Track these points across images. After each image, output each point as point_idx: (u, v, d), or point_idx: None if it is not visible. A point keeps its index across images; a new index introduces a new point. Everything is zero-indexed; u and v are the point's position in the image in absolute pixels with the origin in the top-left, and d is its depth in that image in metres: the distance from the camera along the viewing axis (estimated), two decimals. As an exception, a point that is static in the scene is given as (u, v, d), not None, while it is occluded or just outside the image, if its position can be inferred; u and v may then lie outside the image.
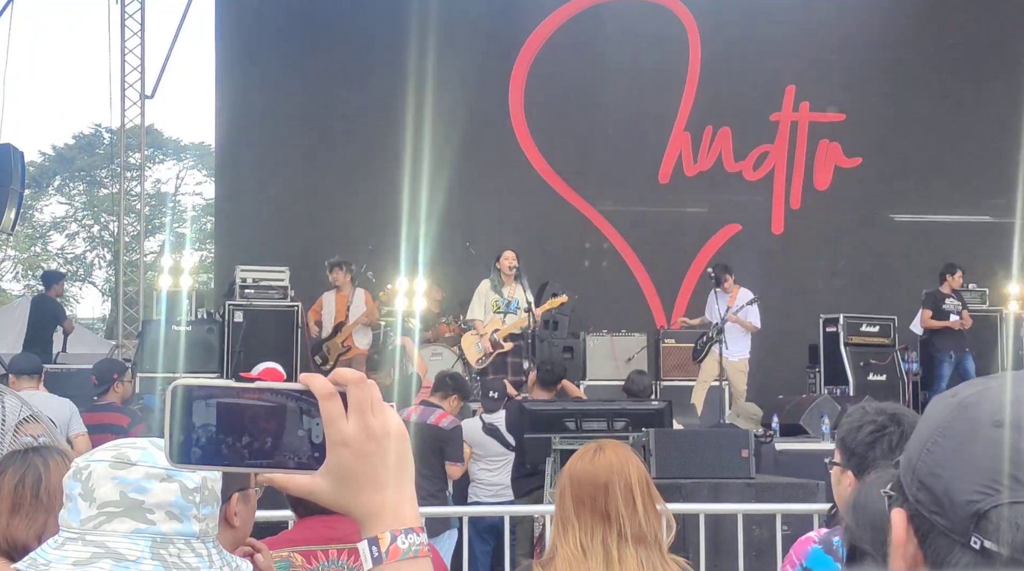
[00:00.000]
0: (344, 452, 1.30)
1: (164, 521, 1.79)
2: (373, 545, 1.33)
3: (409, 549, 1.34)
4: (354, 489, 1.32)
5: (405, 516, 1.35)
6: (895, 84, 17.97)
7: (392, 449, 1.33)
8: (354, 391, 1.31)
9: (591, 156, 17.51)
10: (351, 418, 1.30)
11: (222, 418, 1.29)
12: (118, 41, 18.43)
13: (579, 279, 14.65)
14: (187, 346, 13.64)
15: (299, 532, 3.36)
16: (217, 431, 1.29)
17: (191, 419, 1.29)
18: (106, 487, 1.79)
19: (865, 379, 14.28)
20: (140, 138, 19.09)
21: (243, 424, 1.29)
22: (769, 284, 16.28)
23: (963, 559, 1.03)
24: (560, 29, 17.58)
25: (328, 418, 1.29)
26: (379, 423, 1.32)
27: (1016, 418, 1.04)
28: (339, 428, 1.29)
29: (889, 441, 3.05)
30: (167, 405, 1.30)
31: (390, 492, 1.33)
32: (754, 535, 6.78)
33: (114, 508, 1.78)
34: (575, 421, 8.73)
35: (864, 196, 17.74)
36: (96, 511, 1.79)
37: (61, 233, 42.03)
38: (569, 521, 3.36)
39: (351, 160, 16.93)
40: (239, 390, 1.30)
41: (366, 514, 1.33)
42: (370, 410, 1.31)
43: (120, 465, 1.79)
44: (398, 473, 1.34)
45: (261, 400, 1.29)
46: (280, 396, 1.30)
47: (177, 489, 1.81)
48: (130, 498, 1.78)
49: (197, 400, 1.29)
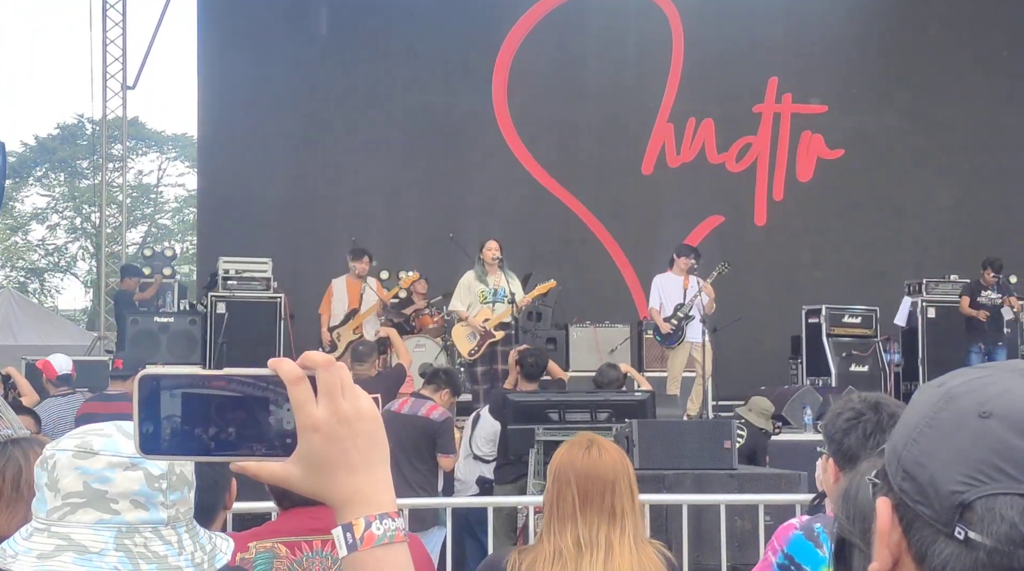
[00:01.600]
0: (315, 437, 1.27)
1: (129, 510, 1.76)
2: (347, 531, 1.30)
3: (384, 535, 1.31)
4: (327, 475, 1.29)
5: (380, 501, 1.32)
6: (877, 76, 18.02)
7: (364, 432, 1.30)
8: (323, 375, 1.27)
9: (574, 147, 17.52)
10: (321, 402, 1.27)
11: (189, 407, 1.27)
12: (100, 32, 18.40)
13: (562, 270, 14.64)
14: (169, 337, 13.62)
15: (283, 523, 3.35)
16: (184, 421, 1.27)
17: (158, 409, 1.27)
18: (69, 477, 1.76)
19: (847, 370, 14.32)
20: (122, 129, 19.03)
21: (210, 413, 1.27)
22: (752, 275, 16.34)
23: (947, 549, 1.03)
24: (543, 20, 17.56)
25: (297, 403, 1.26)
26: (350, 406, 1.29)
27: (1003, 409, 1.04)
28: (309, 413, 1.27)
29: (864, 428, 3.06)
30: (134, 395, 1.28)
31: (363, 476, 1.30)
32: (737, 526, 6.79)
33: (78, 499, 1.75)
34: (558, 412, 8.74)
35: (846, 188, 17.79)
36: (61, 502, 1.76)
37: (42, 224, 41.87)
38: (569, 517, 3.40)
39: (334, 151, 16.91)
40: (206, 378, 1.28)
41: (340, 500, 1.31)
42: (340, 393, 1.28)
43: (82, 455, 1.76)
44: (371, 457, 1.31)
45: (229, 388, 1.27)
46: (248, 383, 1.28)
47: (141, 477, 1.78)
48: (93, 488, 1.75)
49: (164, 390, 1.27)
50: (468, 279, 12.21)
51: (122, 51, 18.35)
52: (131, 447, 1.73)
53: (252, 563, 3.18)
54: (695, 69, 17.72)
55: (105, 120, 18.67)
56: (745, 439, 9.57)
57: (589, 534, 3.37)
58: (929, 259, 16.88)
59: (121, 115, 18.66)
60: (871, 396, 3.22)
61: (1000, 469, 1.01)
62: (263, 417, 1.28)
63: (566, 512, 3.41)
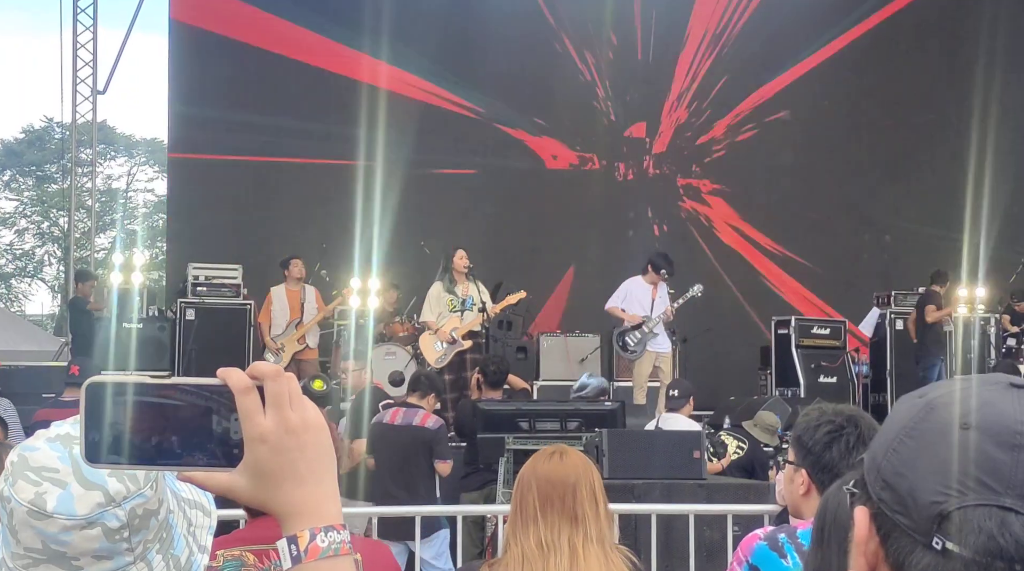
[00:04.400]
0: (262, 448, 1.26)
1: (91, 564, 1.71)
2: (292, 543, 1.29)
3: (329, 547, 1.29)
4: (273, 486, 1.28)
5: (326, 513, 1.31)
6: (846, 88, 18.12)
7: (311, 443, 1.29)
8: (271, 385, 1.27)
9: (546, 151, 17.55)
10: (268, 413, 1.26)
11: (136, 416, 1.26)
12: (70, 36, 18.29)
13: (531, 279, 14.65)
14: (138, 344, 13.54)
15: (251, 531, 3.33)
16: (131, 429, 1.26)
17: (104, 417, 1.26)
18: (27, 533, 1.70)
19: (816, 381, 14.37)
20: (92, 134, 18.93)
21: (157, 422, 1.26)
22: (722, 285, 16.40)
23: (924, 559, 1.04)
24: (511, 22, 17.55)
25: (245, 413, 1.26)
26: (298, 417, 1.28)
27: (983, 421, 1.04)
28: (256, 423, 1.26)
29: (847, 442, 3.07)
30: (81, 402, 1.27)
31: (310, 488, 1.30)
32: (705, 536, 6.81)
33: (38, 555, 1.70)
34: (528, 421, 8.76)
35: (815, 200, 17.87)
36: (23, 551, 1.72)
37: (10, 229, 41.56)
38: (532, 519, 3.45)
39: (305, 158, 16.87)
40: (154, 387, 1.27)
41: (286, 511, 1.30)
42: (288, 404, 1.28)
43: (37, 515, 1.68)
44: (318, 468, 1.30)
45: (177, 397, 1.26)
46: (197, 393, 1.27)
47: (100, 535, 1.71)
48: (52, 549, 1.70)
49: (112, 397, 1.26)
50: (436, 290, 12.24)
51: (93, 56, 18.26)
52: (88, 501, 1.68)
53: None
54: (664, 80, 17.79)
55: (75, 124, 18.57)
56: (745, 452, 9.58)
57: (551, 536, 3.42)
58: (897, 271, 16.97)
59: (91, 119, 18.56)
60: (845, 408, 3.22)
61: (979, 480, 1.02)
62: (210, 427, 1.27)
63: (528, 515, 3.46)
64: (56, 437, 1.76)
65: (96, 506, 1.70)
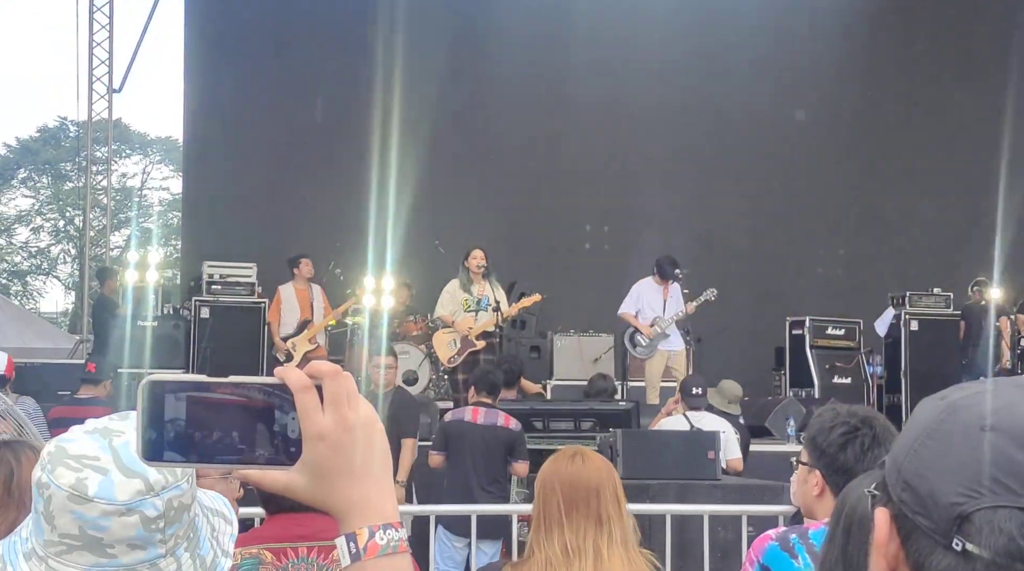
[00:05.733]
0: (320, 446, 1.28)
1: (126, 553, 1.73)
2: (351, 541, 1.31)
3: (388, 545, 1.31)
4: (331, 483, 1.30)
5: (384, 511, 1.32)
6: (864, 88, 18.07)
7: (369, 441, 1.31)
8: (330, 384, 1.29)
9: (560, 153, 17.53)
10: (327, 411, 1.28)
11: (193, 413, 1.27)
12: (86, 34, 18.35)
13: (547, 278, 14.63)
14: (153, 342, 13.56)
15: (269, 529, 3.35)
16: (188, 427, 1.27)
17: (162, 415, 1.27)
18: (65, 519, 1.72)
19: (830, 381, 14.34)
20: (107, 132, 18.98)
21: (215, 419, 1.27)
22: (736, 285, 16.36)
23: (944, 561, 1.04)
24: (526, 26, 17.54)
25: (304, 411, 1.27)
26: (355, 416, 1.30)
27: (1005, 423, 1.05)
28: (315, 421, 1.27)
29: (861, 444, 3.07)
30: (138, 401, 1.27)
31: (368, 486, 1.31)
32: (719, 536, 6.80)
33: (73, 541, 1.72)
34: (543, 421, 8.77)
35: (832, 199, 17.83)
36: (57, 538, 1.73)
37: (26, 226, 41.70)
38: (556, 523, 3.44)
39: (319, 156, 16.88)
40: (212, 385, 1.28)
41: (344, 509, 1.31)
42: (346, 403, 1.29)
43: (78, 499, 1.71)
44: (375, 466, 1.32)
45: (234, 395, 1.28)
46: (254, 391, 1.28)
47: (137, 522, 1.74)
48: (89, 534, 1.72)
49: (168, 395, 1.27)
50: (452, 287, 12.21)
51: (108, 54, 18.31)
52: (128, 488, 1.72)
53: (238, 569, 3.17)
54: (684, 80, 17.76)
55: (90, 122, 18.62)
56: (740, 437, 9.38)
57: (576, 540, 3.41)
58: (913, 272, 16.91)
59: (106, 118, 18.61)
60: (859, 410, 3.22)
61: (1000, 482, 1.02)
62: (268, 425, 1.28)
63: (552, 519, 3.45)
64: (94, 429, 1.79)
65: (136, 493, 1.73)
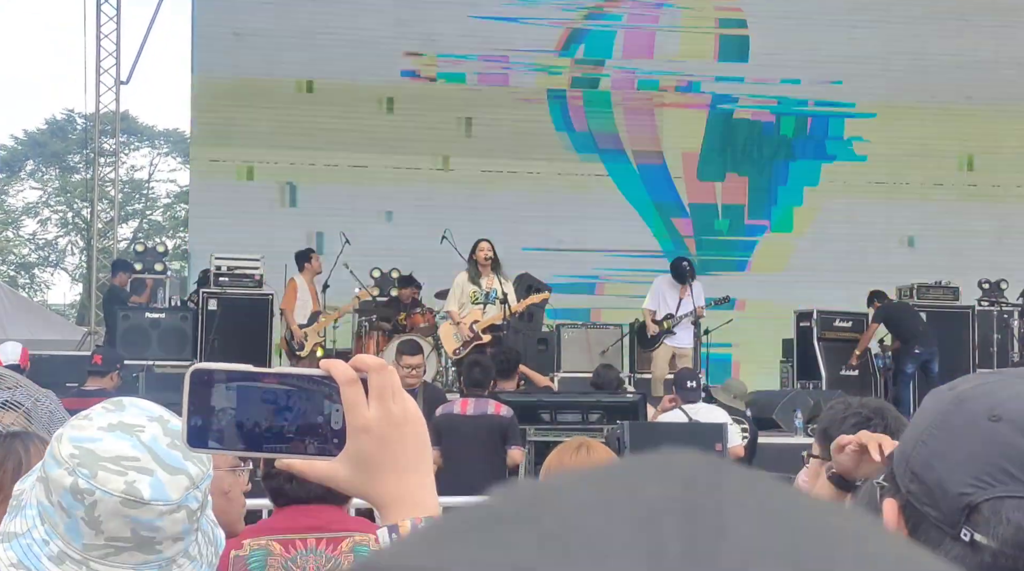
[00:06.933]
0: (365, 439, 1.30)
1: (170, 547, 1.75)
2: (393, 532, 1.32)
3: None
4: (374, 475, 1.32)
5: (425, 503, 1.34)
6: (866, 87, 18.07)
7: (411, 435, 1.33)
8: (375, 377, 1.31)
9: (567, 146, 17.54)
10: (372, 404, 1.30)
11: (241, 402, 1.29)
12: (94, 26, 18.35)
13: (554, 270, 14.65)
14: (160, 333, 13.58)
15: (277, 521, 3.36)
16: (236, 416, 1.29)
17: (210, 403, 1.29)
18: (116, 523, 1.71)
19: (838, 374, 14.30)
20: (115, 124, 18.99)
21: (262, 409, 1.29)
22: (745, 278, 16.37)
23: (952, 550, 1.04)
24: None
25: (350, 404, 1.30)
26: (399, 409, 1.32)
27: (1013, 413, 1.05)
28: (360, 414, 1.30)
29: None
30: (185, 388, 1.29)
31: (410, 478, 1.34)
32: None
33: (123, 543, 1.72)
34: (550, 413, 8.77)
35: (843, 193, 17.84)
36: (104, 542, 1.73)
37: (33, 218, 41.74)
38: None
39: (325, 148, 16.89)
40: (259, 375, 1.31)
41: (386, 501, 1.33)
42: (391, 396, 1.32)
43: (132, 504, 1.71)
44: (417, 459, 1.34)
45: (281, 385, 1.30)
46: (300, 381, 1.30)
47: (184, 517, 1.76)
48: (141, 535, 1.73)
49: (216, 384, 1.29)
50: (461, 280, 12.19)
51: (116, 46, 18.32)
52: (177, 485, 1.73)
53: (246, 560, 3.18)
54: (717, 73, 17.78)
55: (98, 114, 18.63)
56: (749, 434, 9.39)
57: None
58: (919, 265, 16.89)
59: (114, 110, 18.63)
60: (871, 402, 3.21)
61: (1008, 472, 1.02)
62: (313, 416, 1.31)
63: None
64: (110, 427, 1.78)
65: (184, 489, 1.75)
